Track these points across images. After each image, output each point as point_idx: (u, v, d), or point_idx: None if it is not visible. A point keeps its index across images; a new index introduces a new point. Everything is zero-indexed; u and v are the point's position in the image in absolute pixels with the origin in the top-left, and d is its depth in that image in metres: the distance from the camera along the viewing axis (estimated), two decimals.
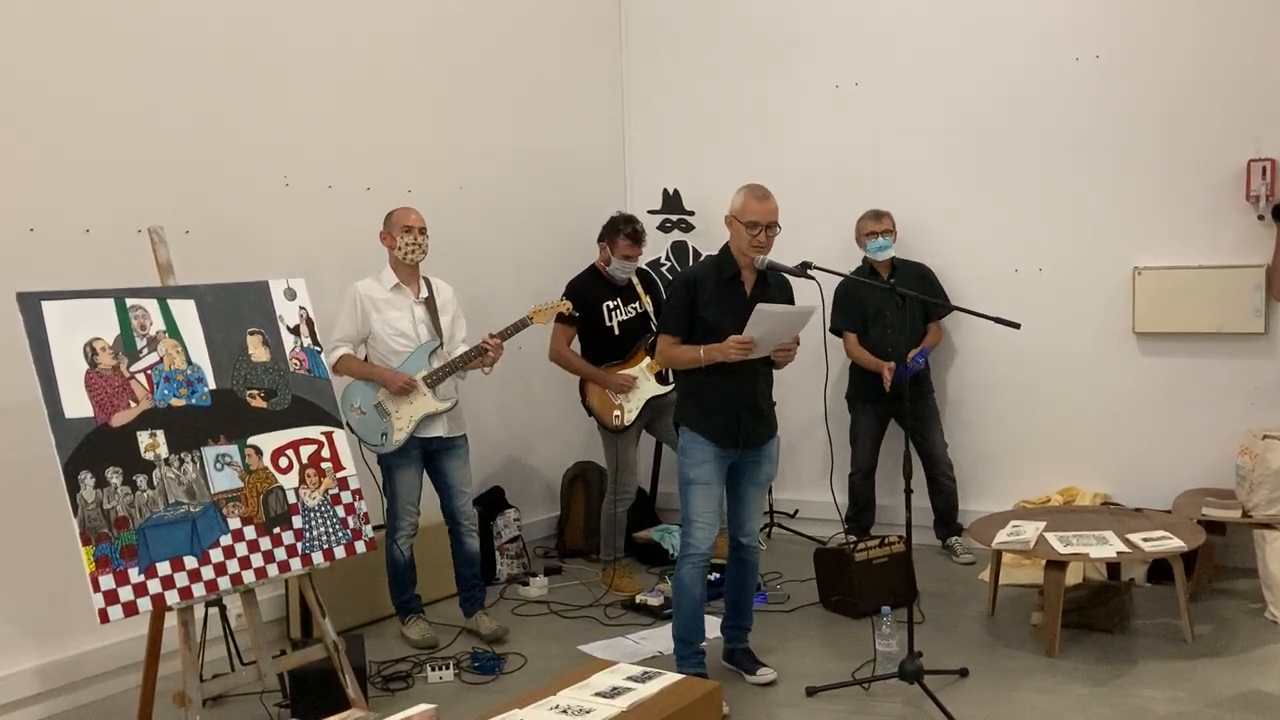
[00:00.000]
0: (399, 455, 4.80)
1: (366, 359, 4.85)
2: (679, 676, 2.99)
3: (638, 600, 5.37)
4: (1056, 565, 4.60)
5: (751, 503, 4.40)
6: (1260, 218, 5.46)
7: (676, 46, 7.00)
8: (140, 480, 3.49)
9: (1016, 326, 4.19)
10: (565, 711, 2.76)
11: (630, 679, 2.97)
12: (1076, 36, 5.87)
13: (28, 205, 4.26)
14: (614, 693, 2.87)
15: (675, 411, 4.39)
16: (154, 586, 3.44)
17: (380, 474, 4.89)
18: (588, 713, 2.76)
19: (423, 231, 4.84)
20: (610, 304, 5.68)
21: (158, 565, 3.47)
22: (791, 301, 4.36)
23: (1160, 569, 5.29)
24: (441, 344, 4.89)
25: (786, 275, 4.29)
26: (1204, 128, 5.61)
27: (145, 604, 3.42)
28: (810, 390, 6.25)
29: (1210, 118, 5.59)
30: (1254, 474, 4.99)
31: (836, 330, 5.95)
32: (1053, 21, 5.93)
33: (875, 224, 5.88)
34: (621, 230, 5.61)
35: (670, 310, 4.29)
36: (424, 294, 4.90)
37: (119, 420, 3.51)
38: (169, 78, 4.69)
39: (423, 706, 2.54)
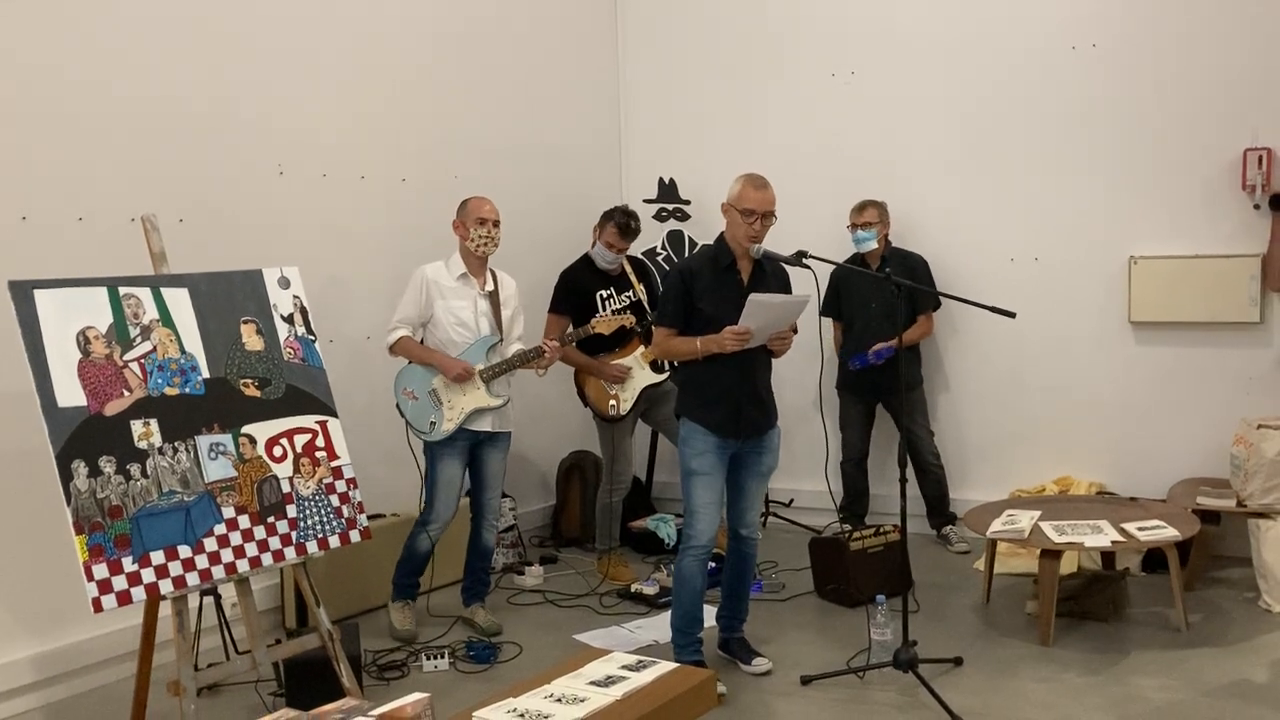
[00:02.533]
0: (446, 445, 4.79)
1: (422, 343, 4.84)
2: (673, 665, 2.99)
3: (633, 589, 5.37)
4: (1051, 554, 4.61)
5: (752, 494, 4.39)
6: (1256, 207, 5.47)
7: (672, 35, 6.98)
8: (134, 469, 3.49)
9: (1011, 315, 4.19)
10: (560, 700, 2.76)
11: (625, 668, 2.97)
12: (1073, 26, 5.86)
13: (20, 193, 4.24)
14: (608, 681, 2.87)
15: (676, 402, 4.38)
16: (148, 575, 3.43)
17: (424, 461, 4.88)
18: (582, 701, 2.75)
19: (496, 224, 4.81)
20: (603, 293, 5.67)
21: (151, 554, 3.46)
22: (789, 289, 4.36)
23: (1155, 558, 5.31)
24: (501, 339, 4.88)
25: (782, 264, 4.29)
26: (1200, 117, 5.60)
27: (139, 593, 3.41)
28: (805, 380, 6.27)
29: (1206, 107, 5.59)
30: (1249, 463, 5.00)
31: (824, 314, 6.08)
32: (1049, 10, 5.92)
33: (856, 217, 5.89)
34: (614, 218, 5.60)
35: (667, 302, 4.28)
36: (489, 287, 4.88)
37: (112, 409, 3.50)
38: (162, 65, 4.67)
39: (417, 695, 2.54)
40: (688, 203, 6.88)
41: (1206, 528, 5.06)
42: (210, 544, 3.61)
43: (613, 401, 5.57)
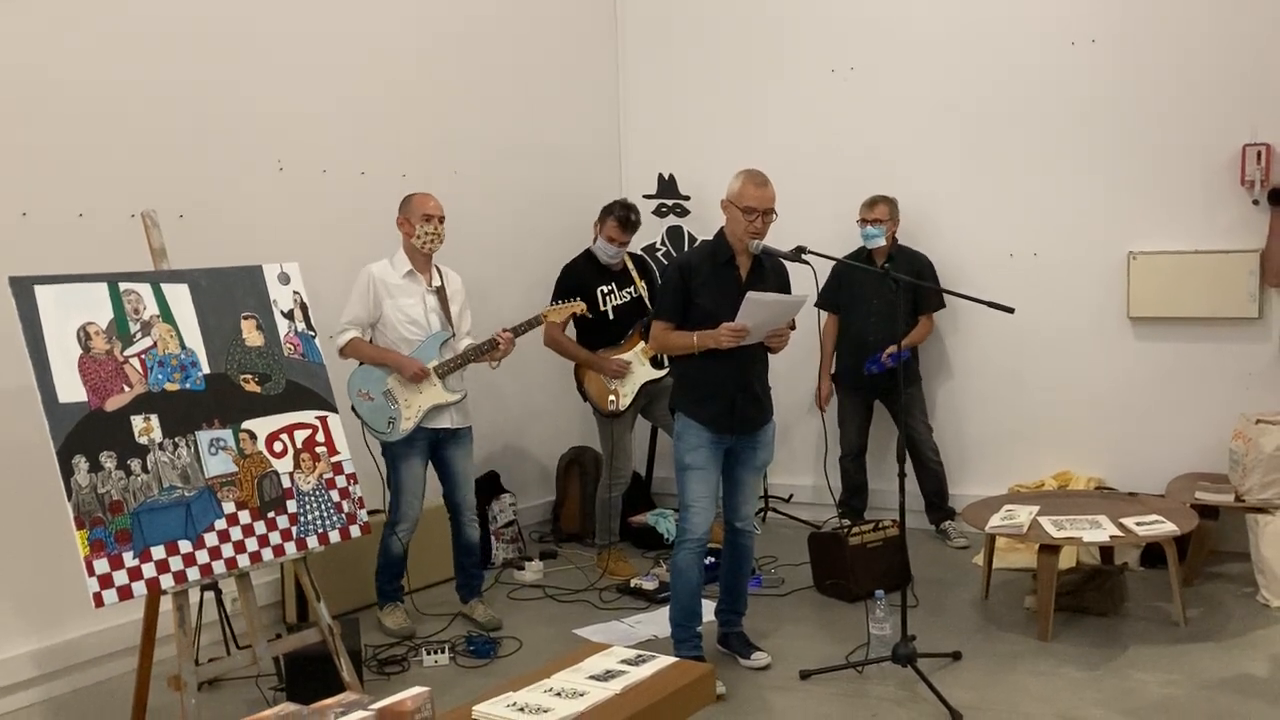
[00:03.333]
0: (405, 445, 4.77)
1: (372, 343, 4.83)
2: (672, 659, 2.99)
3: (633, 584, 5.38)
4: (1050, 549, 4.62)
5: (747, 488, 4.40)
6: (1255, 202, 5.47)
7: (672, 31, 6.98)
8: (134, 464, 3.49)
9: (1010, 311, 4.20)
10: (559, 694, 2.76)
11: (624, 662, 2.97)
12: (1073, 21, 5.86)
13: (20, 190, 4.25)
14: (607, 676, 2.87)
15: (671, 397, 4.40)
16: (149, 570, 3.44)
17: (383, 462, 4.87)
18: (581, 695, 2.76)
19: (441, 220, 4.79)
20: (604, 288, 5.67)
21: (152, 549, 3.46)
22: (788, 285, 4.37)
23: (1153, 553, 5.31)
24: (453, 334, 4.88)
25: (782, 259, 4.29)
26: (1199, 113, 5.61)
27: (140, 588, 3.42)
28: (805, 375, 6.28)
29: (1205, 103, 5.59)
30: (1247, 458, 5.01)
31: (819, 307, 6.07)
32: (1049, 6, 5.92)
33: (868, 212, 5.88)
34: (615, 213, 5.60)
35: (665, 295, 4.29)
36: (436, 282, 4.87)
37: (113, 405, 3.50)
38: (162, 62, 4.67)
39: (417, 689, 2.54)
40: (687, 198, 6.89)
41: (1205, 523, 5.07)
42: (211, 539, 3.61)
43: (612, 397, 5.57)
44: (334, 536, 3.96)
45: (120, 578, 3.38)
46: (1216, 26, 5.54)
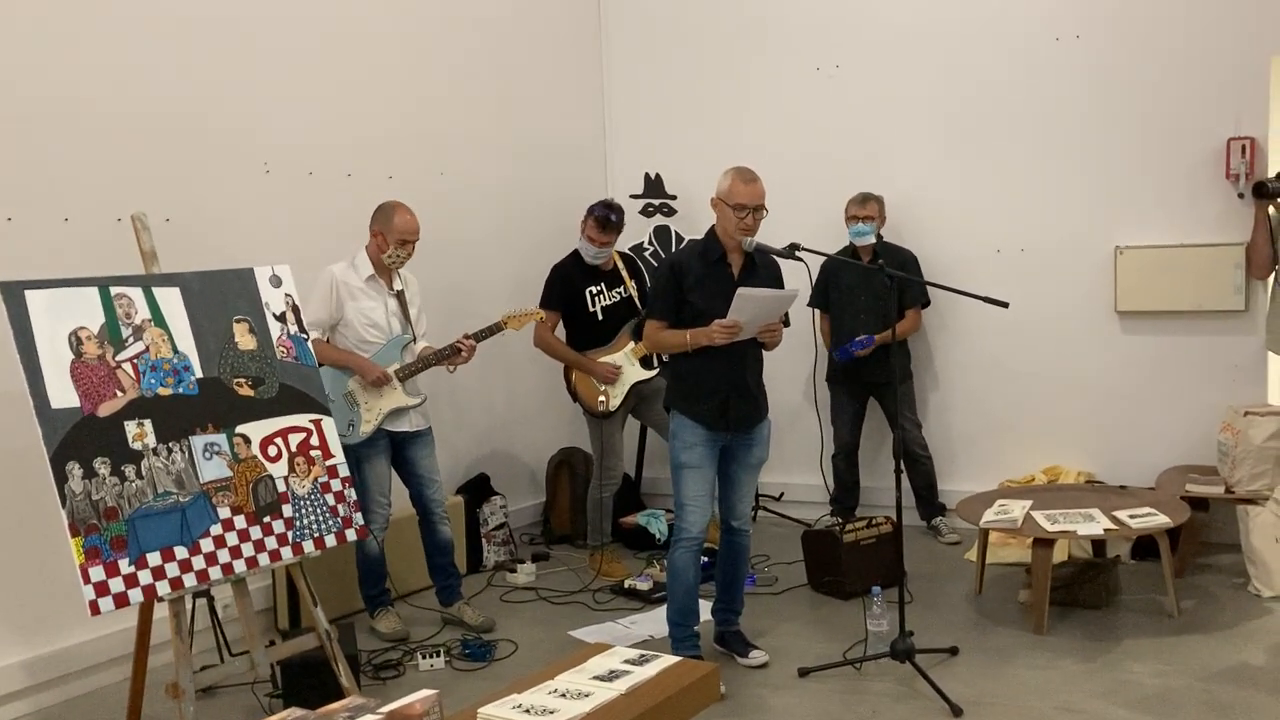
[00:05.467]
0: (367, 446, 4.74)
1: (329, 344, 4.76)
2: (676, 659, 2.98)
3: (626, 585, 5.37)
4: (1044, 543, 4.63)
5: (743, 486, 4.40)
6: (1240, 195, 5.50)
7: (657, 29, 6.97)
8: (129, 470, 3.46)
9: (1005, 305, 4.22)
10: (564, 695, 2.75)
11: (628, 662, 2.95)
12: (1057, 17, 5.88)
13: (5, 194, 4.20)
14: (612, 676, 2.86)
15: (665, 395, 4.38)
16: (145, 577, 3.41)
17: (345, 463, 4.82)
18: (587, 696, 2.74)
19: (416, 242, 4.77)
20: (593, 289, 5.66)
21: (148, 556, 3.43)
22: (780, 282, 4.37)
23: (1144, 546, 5.34)
24: (414, 338, 4.86)
25: (774, 256, 4.29)
26: (1184, 107, 5.64)
27: (136, 595, 3.39)
28: (797, 373, 6.28)
29: (1190, 97, 5.62)
30: (1236, 450, 5.04)
31: (812, 305, 6.08)
32: (1033, 2, 5.94)
33: (859, 209, 5.89)
34: (593, 212, 5.58)
35: (657, 295, 4.28)
36: (397, 286, 4.84)
37: (106, 410, 3.47)
38: (147, 65, 4.63)
39: (425, 692, 2.52)
40: (674, 198, 6.87)
41: (1195, 514, 5.09)
42: (207, 545, 3.58)
43: (602, 397, 5.56)
44: (330, 541, 3.93)
45: (116, 585, 3.34)
46: (1200, 21, 5.57)
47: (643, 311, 5.51)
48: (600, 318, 5.65)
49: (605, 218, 5.56)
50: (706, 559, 4.83)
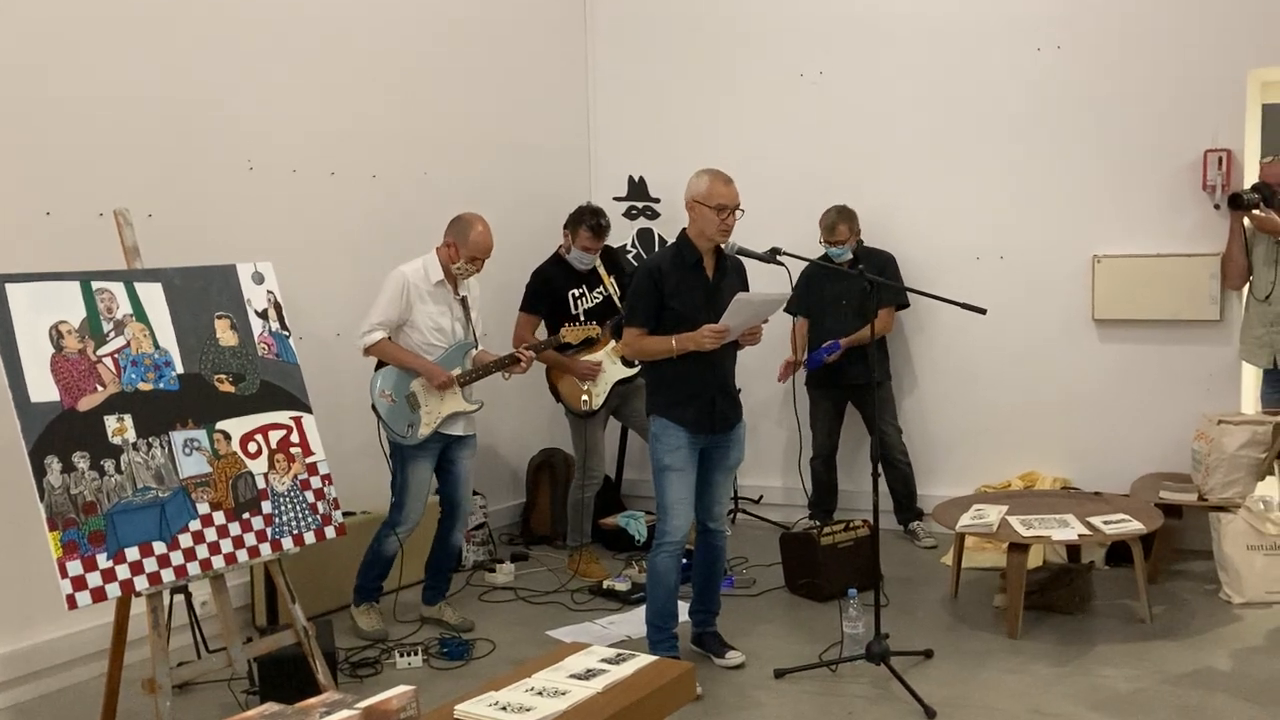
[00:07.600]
0: (419, 448, 4.76)
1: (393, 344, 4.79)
2: (652, 658, 3.00)
3: (605, 585, 5.39)
4: (1019, 548, 4.67)
5: (720, 488, 4.42)
6: (1216, 207, 5.57)
7: (642, 33, 7.00)
8: (108, 465, 3.45)
9: (983, 312, 4.25)
10: (541, 693, 2.76)
11: (604, 660, 2.97)
12: (1038, 27, 5.94)
13: None
14: (588, 674, 2.88)
15: (646, 401, 4.38)
16: (123, 572, 3.40)
17: (392, 462, 4.84)
18: (563, 694, 2.76)
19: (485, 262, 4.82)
20: (575, 292, 5.68)
21: (126, 551, 3.43)
22: (747, 284, 4.39)
23: (1118, 552, 5.39)
24: (477, 344, 4.88)
25: (749, 259, 4.29)
26: (1162, 118, 5.70)
27: (114, 590, 3.38)
28: (774, 376, 6.30)
29: (1168, 109, 5.69)
30: (1209, 458, 5.09)
31: (790, 312, 6.06)
32: (1014, 12, 6.00)
33: (829, 235, 5.88)
34: (585, 222, 5.61)
35: (638, 302, 4.24)
36: (462, 292, 4.88)
37: (86, 404, 3.46)
38: (129, 60, 4.62)
39: (402, 688, 2.54)
40: (657, 201, 6.91)
41: (1169, 521, 5.15)
42: (185, 540, 3.58)
43: (584, 397, 5.58)
44: (309, 538, 3.94)
45: (94, 579, 3.34)
46: (1178, 34, 5.64)
47: (622, 311, 5.52)
48: (583, 320, 5.66)
49: (598, 225, 5.60)
50: (685, 560, 4.85)
